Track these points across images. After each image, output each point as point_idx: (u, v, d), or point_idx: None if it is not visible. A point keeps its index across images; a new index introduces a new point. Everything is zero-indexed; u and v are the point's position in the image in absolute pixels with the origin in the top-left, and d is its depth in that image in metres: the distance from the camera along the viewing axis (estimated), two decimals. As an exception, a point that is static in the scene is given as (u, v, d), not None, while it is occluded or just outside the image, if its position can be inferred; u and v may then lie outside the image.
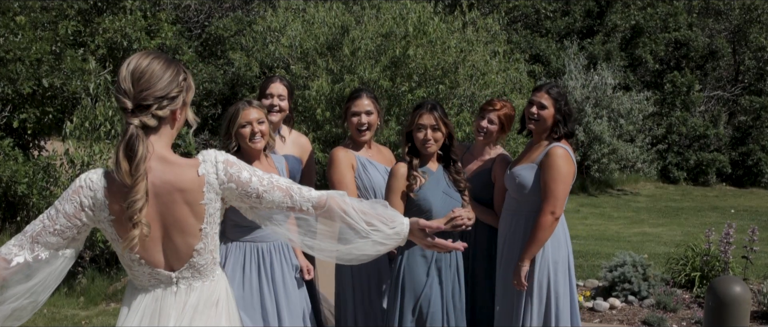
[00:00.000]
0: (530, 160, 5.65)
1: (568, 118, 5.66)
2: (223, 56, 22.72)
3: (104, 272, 11.69)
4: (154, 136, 3.10)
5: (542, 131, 5.67)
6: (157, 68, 3.05)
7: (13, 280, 3.12)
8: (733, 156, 27.33)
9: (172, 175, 3.09)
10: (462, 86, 16.86)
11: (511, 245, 5.66)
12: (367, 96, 6.00)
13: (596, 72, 24.21)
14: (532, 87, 20.70)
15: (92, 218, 3.12)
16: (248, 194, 3.19)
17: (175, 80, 3.09)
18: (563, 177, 5.50)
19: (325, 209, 3.25)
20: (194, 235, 3.18)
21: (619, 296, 9.55)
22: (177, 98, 3.11)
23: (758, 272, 10.73)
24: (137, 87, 3.00)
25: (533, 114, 5.63)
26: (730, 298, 5.41)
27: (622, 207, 21.97)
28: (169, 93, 3.07)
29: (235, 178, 3.16)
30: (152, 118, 3.04)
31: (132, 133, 2.97)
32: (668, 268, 10.50)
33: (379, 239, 3.27)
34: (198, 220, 3.16)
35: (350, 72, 16.49)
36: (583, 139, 22.90)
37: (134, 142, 2.96)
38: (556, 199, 5.46)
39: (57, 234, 3.10)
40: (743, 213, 20.94)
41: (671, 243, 14.96)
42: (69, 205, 3.10)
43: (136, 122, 3.00)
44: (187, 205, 3.12)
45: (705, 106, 28.78)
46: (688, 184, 26.90)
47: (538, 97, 5.63)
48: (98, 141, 11.20)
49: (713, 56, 29.18)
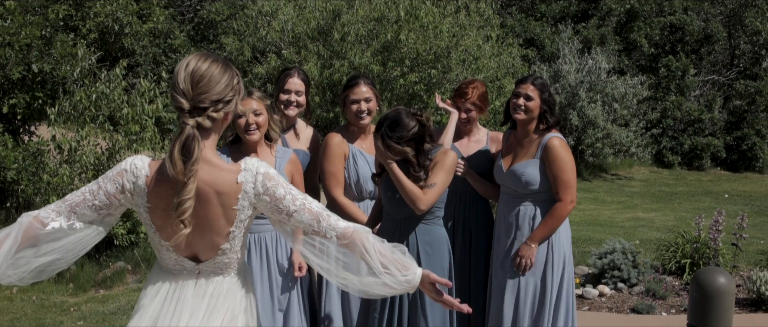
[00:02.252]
0: (528, 155, 5.64)
1: (553, 108, 5.66)
2: (216, 41, 22.66)
3: (93, 259, 11.66)
4: (207, 138, 3.27)
5: (529, 122, 5.66)
6: (215, 72, 3.19)
7: (46, 241, 3.26)
8: (728, 140, 27.29)
9: (212, 176, 3.22)
10: (454, 71, 16.80)
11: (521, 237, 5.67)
12: (365, 83, 6.01)
13: (590, 56, 24.12)
14: (525, 71, 20.73)
15: (130, 201, 3.27)
16: (279, 210, 3.30)
17: (230, 84, 3.25)
18: (570, 165, 5.56)
19: (348, 241, 3.34)
20: (222, 235, 3.32)
21: (608, 283, 9.53)
22: (231, 102, 3.27)
23: (749, 258, 10.70)
24: (196, 89, 3.15)
25: (520, 106, 5.59)
26: (714, 290, 5.37)
27: (616, 192, 21.94)
28: (225, 97, 3.23)
29: (270, 192, 3.27)
30: (207, 119, 3.19)
31: (189, 134, 3.12)
32: (658, 255, 10.47)
33: (389, 282, 3.37)
34: (228, 222, 3.30)
35: (341, 57, 16.44)
36: (577, 123, 22.84)
37: (191, 143, 3.11)
38: (572, 188, 5.55)
39: (95, 209, 3.25)
40: (737, 198, 20.92)
41: (664, 228, 14.95)
42: (111, 185, 3.24)
43: (192, 123, 3.15)
44: (221, 207, 3.26)
45: (700, 90, 28.73)
46: (683, 169, 26.88)
47: (524, 89, 5.61)
48: (84, 125, 11.16)
49: (708, 40, 29.10)
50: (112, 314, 9.68)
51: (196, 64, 3.19)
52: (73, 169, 11.04)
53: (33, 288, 10.97)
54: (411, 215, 5.22)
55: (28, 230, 3.24)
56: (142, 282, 11.15)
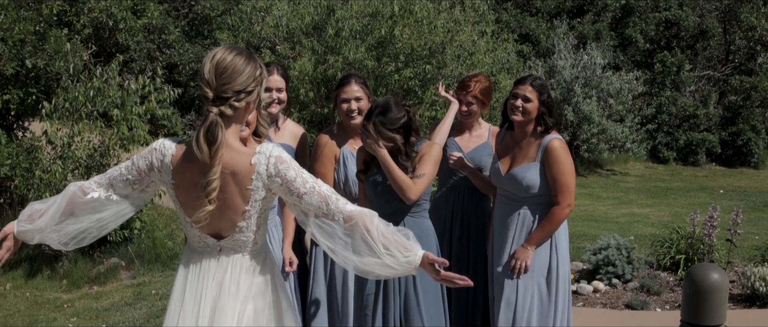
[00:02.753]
0: (528, 158, 5.56)
1: (551, 109, 5.59)
2: (210, 36, 22.62)
3: (87, 255, 11.64)
4: (230, 125, 3.51)
5: (526, 124, 5.59)
6: (239, 63, 3.42)
7: (84, 209, 3.66)
8: (723, 136, 27.28)
9: (230, 158, 3.46)
10: (449, 66, 16.76)
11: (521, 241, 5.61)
12: (356, 82, 6.00)
13: (586, 52, 24.13)
14: (520, 67, 20.72)
15: (159, 178, 3.58)
16: (291, 191, 3.53)
17: (252, 75, 3.48)
18: (570, 169, 5.50)
19: (352, 223, 3.54)
20: (239, 213, 3.56)
21: (602, 279, 9.50)
22: (253, 92, 3.51)
23: (743, 254, 10.68)
24: (220, 80, 3.39)
25: (518, 107, 5.54)
26: (708, 286, 5.34)
27: (611, 187, 21.95)
28: (247, 87, 3.46)
29: (281, 174, 3.49)
30: (229, 108, 3.43)
31: (213, 121, 3.38)
32: (653, 251, 10.45)
33: (390, 263, 3.54)
34: (244, 201, 3.53)
35: (335, 52, 16.41)
36: (572, 119, 22.85)
37: (214, 128, 3.38)
38: (571, 192, 5.49)
39: (129, 183, 3.61)
40: (732, 193, 20.93)
41: (659, 224, 14.94)
42: (142, 162, 3.57)
43: (216, 111, 3.40)
44: (237, 186, 3.50)
45: (695, 85, 28.71)
46: (678, 164, 26.88)
47: (522, 90, 5.53)
48: (79, 121, 11.13)
49: (703, 36, 29.09)
50: (105, 311, 9.65)
51: (221, 56, 3.43)
52: (66, 164, 11.02)
53: (26, 284, 10.95)
54: (398, 209, 5.23)
55: (72, 198, 3.65)
56: (135, 278, 11.13)
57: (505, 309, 5.55)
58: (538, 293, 5.55)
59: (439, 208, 6.42)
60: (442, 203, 6.41)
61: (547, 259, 5.59)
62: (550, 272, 5.58)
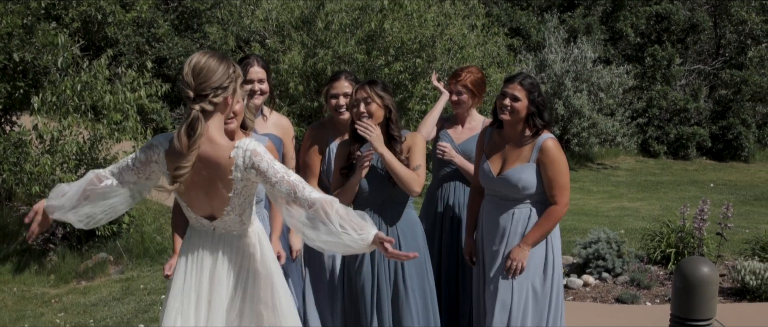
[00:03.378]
0: (521, 158, 5.45)
1: (543, 108, 5.50)
2: (199, 30, 22.52)
3: (75, 250, 11.61)
4: (211, 119, 3.99)
5: (516, 123, 5.49)
6: (212, 64, 3.92)
7: (98, 195, 4.16)
8: (713, 130, 27.27)
9: (213, 152, 3.97)
10: (439, 60, 16.72)
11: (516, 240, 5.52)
12: (346, 78, 6.07)
13: (576, 45, 24.09)
14: (511, 61, 20.68)
15: (158, 168, 4.10)
16: (265, 180, 3.99)
17: (226, 73, 3.97)
18: (566, 168, 5.46)
19: (315, 208, 3.96)
20: (224, 199, 4.09)
21: (592, 273, 9.47)
22: (228, 88, 3.99)
23: (734, 248, 10.67)
24: (197, 80, 3.90)
25: (507, 106, 5.45)
26: (698, 279, 5.30)
27: (602, 181, 21.93)
28: (222, 84, 3.95)
29: (256, 166, 3.97)
30: (209, 104, 3.93)
31: (194, 116, 3.89)
32: (643, 245, 10.43)
33: (347, 241, 3.96)
34: (227, 189, 4.05)
35: (324, 46, 16.36)
36: (562, 113, 22.81)
37: (195, 123, 3.88)
38: (568, 191, 5.44)
39: (135, 172, 4.12)
40: (722, 187, 20.92)
41: (649, 218, 14.92)
42: (143, 155, 4.10)
43: (197, 108, 3.90)
44: (219, 176, 4.01)
45: (685, 79, 28.70)
46: (668, 158, 26.87)
47: (511, 89, 5.43)
48: (67, 115, 11.08)
49: (694, 30, 29.08)
50: (93, 306, 9.61)
51: (197, 59, 3.93)
52: (55, 158, 10.96)
53: (14, 279, 10.90)
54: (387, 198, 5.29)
55: (89, 184, 4.15)
56: (124, 273, 11.09)
57: (501, 311, 5.46)
58: (533, 292, 5.48)
59: (431, 200, 6.40)
60: (434, 195, 6.39)
61: (543, 257, 5.53)
62: (546, 269, 5.52)
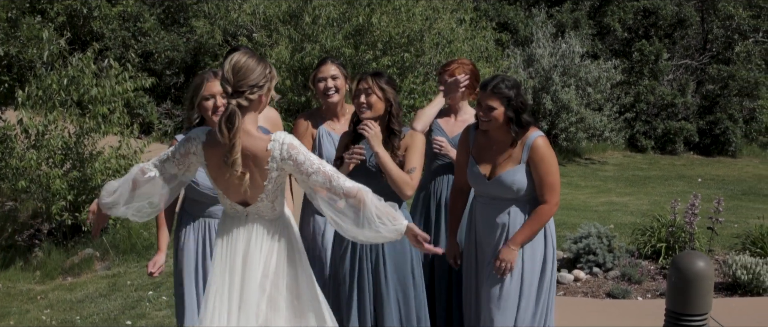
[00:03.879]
0: (512, 160, 5.33)
1: (522, 110, 5.33)
2: (186, 24, 22.40)
3: (61, 245, 11.53)
4: (247, 114, 4.24)
5: (497, 129, 5.37)
6: (251, 64, 4.20)
7: (144, 187, 4.46)
8: (701, 125, 27.21)
9: (250, 143, 4.22)
10: (428, 54, 16.70)
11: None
12: (332, 62, 6.15)
13: (564, 40, 24.03)
14: (499, 55, 20.63)
15: (196, 160, 4.39)
16: (301, 171, 4.27)
17: (262, 73, 4.24)
18: (556, 166, 5.36)
19: (353, 198, 4.27)
20: (259, 188, 4.32)
21: (583, 268, 9.43)
22: (264, 87, 4.26)
23: (724, 242, 10.63)
24: (236, 77, 4.16)
25: (483, 118, 5.34)
26: (693, 274, 5.24)
27: (590, 176, 21.90)
28: (259, 83, 4.22)
29: (293, 158, 4.24)
30: (245, 100, 4.19)
31: (232, 110, 4.15)
32: (633, 239, 10.39)
33: (382, 231, 4.28)
34: (262, 178, 4.29)
35: (312, 40, 16.30)
36: (550, 107, 22.75)
37: (233, 116, 4.13)
38: (558, 190, 5.35)
39: (175, 164, 4.41)
40: (710, 182, 20.90)
41: (638, 212, 14.89)
42: (182, 148, 4.38)
43: (234, 103, 4.16)
44: (256, 166, 4.26)
45: (673, 74, 28.63)
46: (656, 153, 26.81)
47: (485, 99, 5.32)
48: (53, 110, 10.99)
49: (681, 25, 29.03)
50: (79, 302, 9.52)
51: (238, 58, 4.20)
52: (40, 153, 10.89)
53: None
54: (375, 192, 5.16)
55: (135, 178, 4.44)
56: (110, 269, 11.00)
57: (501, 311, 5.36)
58: (529, 291, 5.40)
59: (424, 193, 6.32)
60: (427, 188, 6.31)
61: (542, 255, 5.44)
62: (544, 268, 5.43)
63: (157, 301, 9.11)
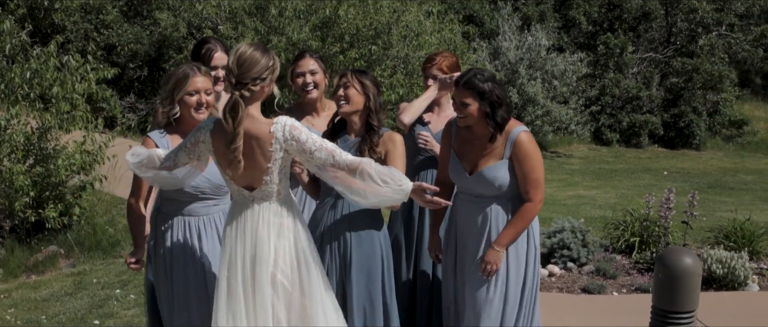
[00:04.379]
0: (495, 155, 5.14)
1: (499, 104, 5.13)
2: (150, 16, 22.11)
3: (24, 243, 11.32)
4: (249, 103, 4.40)
5: (476, 124, 5.19)
6: (256, 56, 4.36)
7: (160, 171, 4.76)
8: (665, 118, 27.28)
9: (254, 127, 4.40)
10: (395, 47, 16.60)
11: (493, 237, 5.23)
12: (310, 56, 6.06)
13: (530, 33, 24.02)
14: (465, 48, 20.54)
15: (205, 147, 4.57)
16: (304, 150, 4.42)
17: (266, 65, 4.39)
18: (540, 162, 5.18)
19: (357, 169, 4.43)
20: (263, 170, 4.48)
21: (557, 263, 9.35)
22: (266, 79, 4.41)
23: (695, 236, 10.59)
24: (240, 69, 4.33)
25: (460, 115, 5.19)
26: (681, 271, 5.14)
27: (556, 169, 21.89)
28: (261, 75, 4.37)
29: (295, 138, 4.39)
30: (247, 91, 4.35)
31: (235, 100, 4.31)
32: (606, 234, 10.32)
33: (390, 194, 4.46)
34: (266, 160, 4.45)
35: (278, 33, 16.14)
36: (517, 100, 22.70)
37: (236, 106, 4.30)
38: (542, 186, 5.18)
39: (187, 154, 4.63)
40: (676, 175, 20.96)
41: (606, 206, 14.90)
42: (192, 138, 4.59)
43: (238, 93, 4.33)
44: (260, 149, 4.42)
45: (637, 67, 28.71)
46: (621, 146, 26.87)
47: (459, 96, 5.18)
48: (15, 104, 10.78)
49: (646, 18, 29.11)
50: (44, 301, 9.32)
51: (242, 50, 4.37)
52: (2, 148, 10.68)
53: (-39, 274, 10.61)
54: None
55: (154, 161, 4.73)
56: (75, 267, 10.79)
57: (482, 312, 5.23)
58: (514, 293, 5.24)
59: None
60: None
61: (525, 253, 5.29)
62: (528, 266, 5.28)
63: (124, 300, 8.91)
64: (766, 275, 9.36)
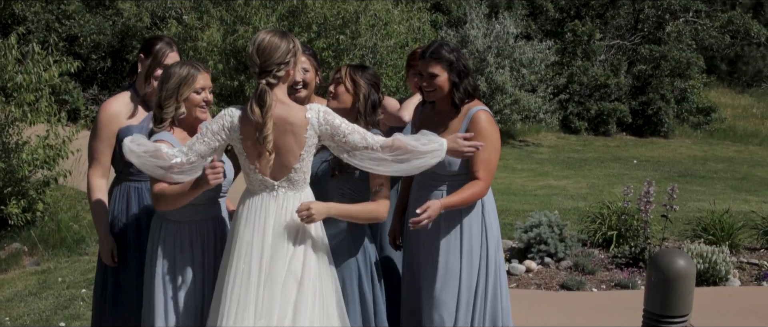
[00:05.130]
0: (450, 131, 4.89)
1: (465, 75, 4.94)
2: (112, 6, 21.78)
3: (-13, 239, 11.03)
4: (277, 88, 4.41)
5: (443, 98, 4.99)
6: (275, 42, 4.36)
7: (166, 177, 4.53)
8: (633, 105, 27.21)
9: (287, 113, 4.39)
10: (364, 36, 16.41)
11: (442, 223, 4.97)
12: (305, 52, 5.53)
13: (498, 21, 23.85)
14: (433, 36, 20.35)
15: (229, 136, 4.46)
16: (337, 134, 4.42)
17: (287, 49, 4.38)
18: (496, 145, 4.90)
19: (390, 145, 4.44)
20: (295, 157, 4.44)
21: (535, 258, 9.18)
22: (290, 63, 4.42)
23: (672, 229, 10.44)
24: (261, 58, 4.35)
25: (428, 88, 4.94)
26: (674, 273, 4.95)
27: (525, 159, 21.78)
28: (284, 60, 4.37)
29: (329, 122, 4.41)
30: (273, 78, 4.37)
31: (262, 89, 4.33)
32: (584, 228, 10.16)
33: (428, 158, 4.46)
34: (299, 147, 4.42)
35: (244, 22, 15.92)
36: (485, 89, 22.53)
37: (263, 95, 4.31)
38: (491, 170, 4.88)
39: (204, 144, 4.45)
40: (646, 163, 20.91)
41: (578, 196, 14.79)
42: (215, 125, 4.45)
43: (264, 81, 4.35)
44: (293, 135, 4.40)
45: (605, 55, 28.62)
46: (589, 134, 26.78)
47: (426, 67, 4.93)
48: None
49: (613, 4, 29.04)
50: (8, 301, 9.05)
51: (261, 38, 4.38)
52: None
53: None
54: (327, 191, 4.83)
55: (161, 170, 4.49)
56: (40, 264, 10.51)
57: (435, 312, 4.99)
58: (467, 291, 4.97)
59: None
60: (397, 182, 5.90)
61: (479, 252, 5.00)
62: (482, 263, 5.00)
63: (90, 301, 8.63)
64: (746, 269, 9.24)
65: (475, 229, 5.01)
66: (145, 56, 5.43)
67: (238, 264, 4.47)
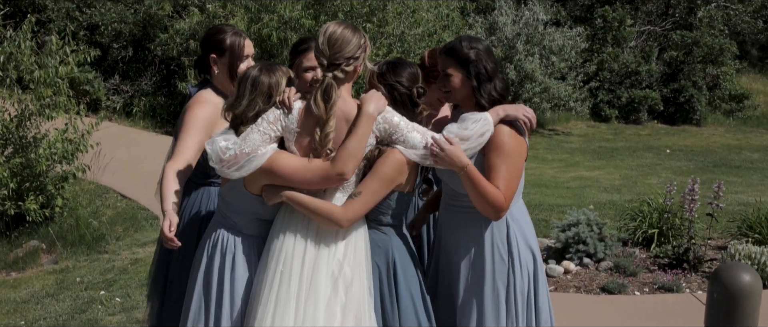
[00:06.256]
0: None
1: (487, 79, 4.39)
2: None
3: (4, 236, 10.85)
4: (342, 85, 4.22)
5: (465, 102, 4.48)
6: (347, 35, 4.16)
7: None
8: (665, 93, 26.71)
9: (346, 108, 4.21)
10: (391, 25, 16.11)
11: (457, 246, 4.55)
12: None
13: (527, 7, 23.42)
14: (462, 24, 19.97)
15: (284, 127, 4.24)
16: (395, 132, 4.20)
17: (358, 44, 4.20)
18: (513, 158, 4.32)
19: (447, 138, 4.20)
20: None
21: (573, 259, 8.76)
22: (359, 58, 4.23)
23: (715, 226, 9.95)
24: (332, 50, 4.14)
25: (442, 87, 4.48)
26: (739, 289, 4.52)
27: (555, 148, 21.37)
28: (355, 54, 4.19)
29: (388, 121, 4.20)
30: (341, 72, 4.17)
31: (328, 83, 4.13)
32: (623, 225, 9.72)
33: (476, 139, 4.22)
34: None
35: (269, 10, 15.60)
36: (514, 77, 22.11)
37: (329, 89, 4.12)
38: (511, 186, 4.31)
39: (260, 133, 4.20)
40: (679, 153, 20.43)
41: (612, 188, 14.38)
42: (272, 115, 4.24)
43: (330, 75, 4.14)
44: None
45: (636, 41, 28.11)
46: (620, 122, 26.28)
47: (441, 66, 4.47)
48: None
49: (643, -11, 28.66)
50: (24, 303, 8.78)
51: (332, 30, 4.16)
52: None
53: (-64, 272, 10.10)
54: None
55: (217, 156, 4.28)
56: (58, 263, 10.24)
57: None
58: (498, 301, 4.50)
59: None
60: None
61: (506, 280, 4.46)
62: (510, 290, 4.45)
63: (109, 304, 8.32)
64: (797, 270, 8.79)
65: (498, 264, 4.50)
66: (219, 55, 5.08)
67: (277, 265, 4.29)
